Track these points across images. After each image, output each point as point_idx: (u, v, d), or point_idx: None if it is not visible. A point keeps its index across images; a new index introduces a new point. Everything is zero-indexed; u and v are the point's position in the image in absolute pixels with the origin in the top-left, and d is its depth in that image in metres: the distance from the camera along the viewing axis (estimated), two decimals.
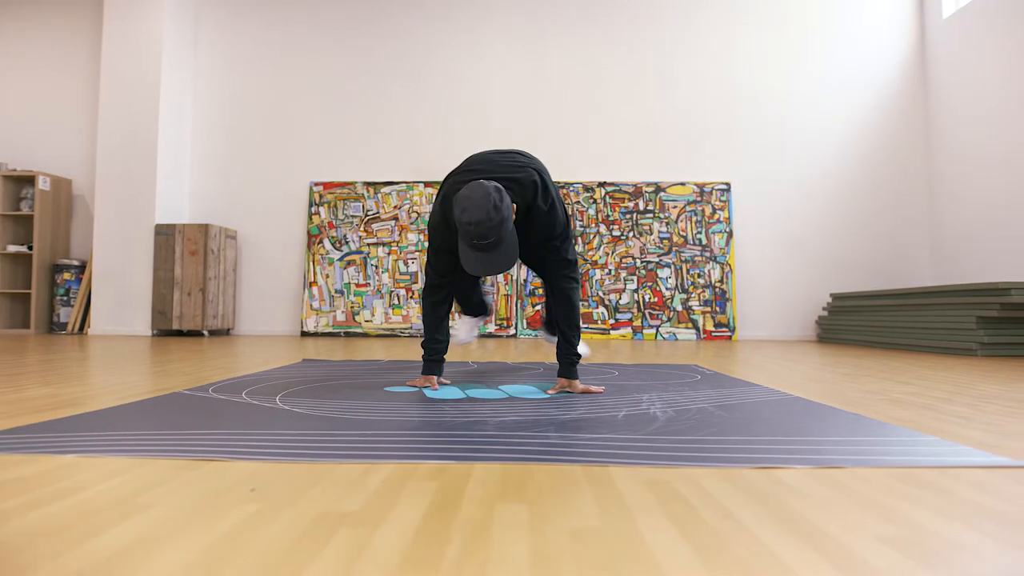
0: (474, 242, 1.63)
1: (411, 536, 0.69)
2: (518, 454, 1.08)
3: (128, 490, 0.85)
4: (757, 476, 0.96)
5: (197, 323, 5.14)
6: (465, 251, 1.68)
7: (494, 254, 1.66)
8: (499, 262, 1.67)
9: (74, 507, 0.78)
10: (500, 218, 1.62)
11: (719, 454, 1.09)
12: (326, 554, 0.64)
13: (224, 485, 0.88)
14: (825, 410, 1.59)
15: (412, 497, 0.83)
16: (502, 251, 1.67)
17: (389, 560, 0.62)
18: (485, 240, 1.62)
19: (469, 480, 0.92)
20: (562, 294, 1.90)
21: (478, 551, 0.65)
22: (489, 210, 1.61)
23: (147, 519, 0.74)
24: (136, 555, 0.63)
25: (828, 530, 0.72)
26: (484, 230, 1.61)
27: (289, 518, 0.74)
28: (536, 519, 0.75)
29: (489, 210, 1.61)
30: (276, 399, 1.71)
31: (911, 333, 4.19)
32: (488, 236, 1.62)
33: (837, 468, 1.00)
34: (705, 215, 5.52)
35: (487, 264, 1.66)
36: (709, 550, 0.66)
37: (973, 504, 0.82)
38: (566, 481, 0.92)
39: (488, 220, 1.60)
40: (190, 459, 1.03)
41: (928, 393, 1.97)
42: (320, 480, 0.91)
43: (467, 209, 1.62)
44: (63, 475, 0.93)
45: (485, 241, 1.62)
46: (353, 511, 0.77)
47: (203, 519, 0.74)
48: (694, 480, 0.93)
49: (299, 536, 0.69)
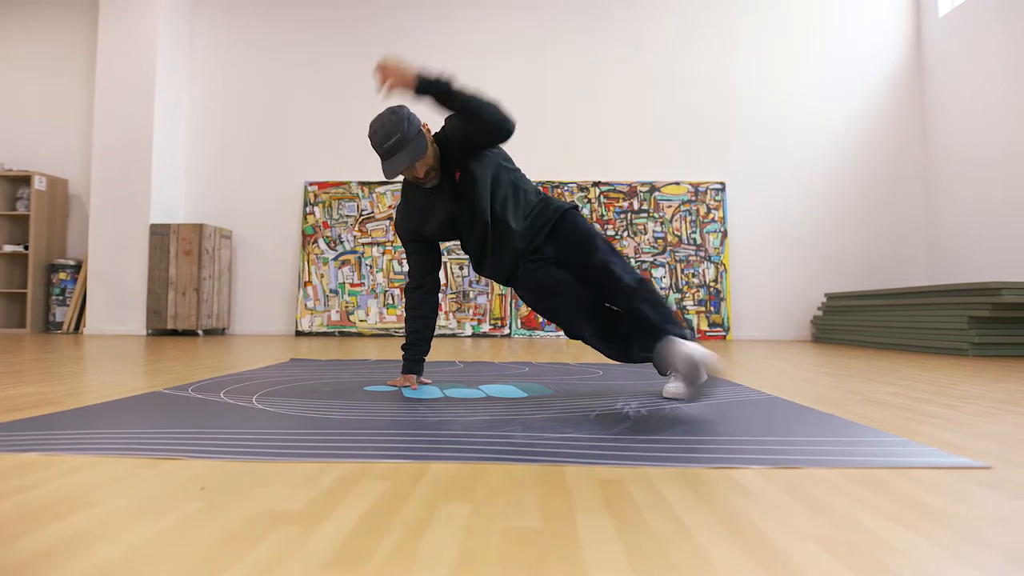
0: (383, 146, 1.71)
1: (346, 535, 0.69)
2: (477, 453, 1.08)
3: (78, 488, 0.86)
4: (712, 475, 0.95)
5: (192, 323, 5.15)
6: (384, 166, 1.74)
7: (397, 157, 1.71)
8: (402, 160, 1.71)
9: (17, 505, 0.78)
10: (398, 118, 1.71)
11: (680, 454, 1.09)
12: (258, 551, 0.64)
13: (177, 483, 0.89)
14: (800, 410, 1.58)
15: (359, 496, 0.83)
16: (411, 145, 1.72)
17: (319, 558, 0.63)
18: (389, 139, 1.70)
19: (421, 480, 0.92)
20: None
21: (407, 551, 0.65)
22: (387, 115, 1.73)
23: (89, 516, 0.74)
24: (67, 551, 0.63)
25: (767, 531, 0.72)
26: (386, 130, 1.70)
27: (229, 516, 0.75)
28: (476, 519, 0.75)
29: (387, 115, 1.73)
30: (253, 399, 1.71)
31: (904, 333, 4.18)
32: (391, 134, 1.70)
33: (793, 468, 1.00)
34: (700, 215, 5.51)
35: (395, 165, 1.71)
36: (641, 551, 0.66)
37: (918, 505, 0.82)
38: (518, 481, 0.92)
39: (388, 120, 1.71)
40: (150, 458, 1.03)
41: (909, 393, 1.96)
42: (273, 479, 0.91)
43: (371, 124, 1.74)
44: (17, 473, 0.93)
45: (390, 141, 1.70)
46: (294, 510, 0.77)
47: (144, 517, 0.74)
48: (648, 480, 0.93)
49: (234, 534, 0.69)
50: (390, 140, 1.70)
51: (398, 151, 1.71)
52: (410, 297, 1.99)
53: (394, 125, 1.71)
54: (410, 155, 1.72)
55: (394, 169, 1.71)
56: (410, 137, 1.72)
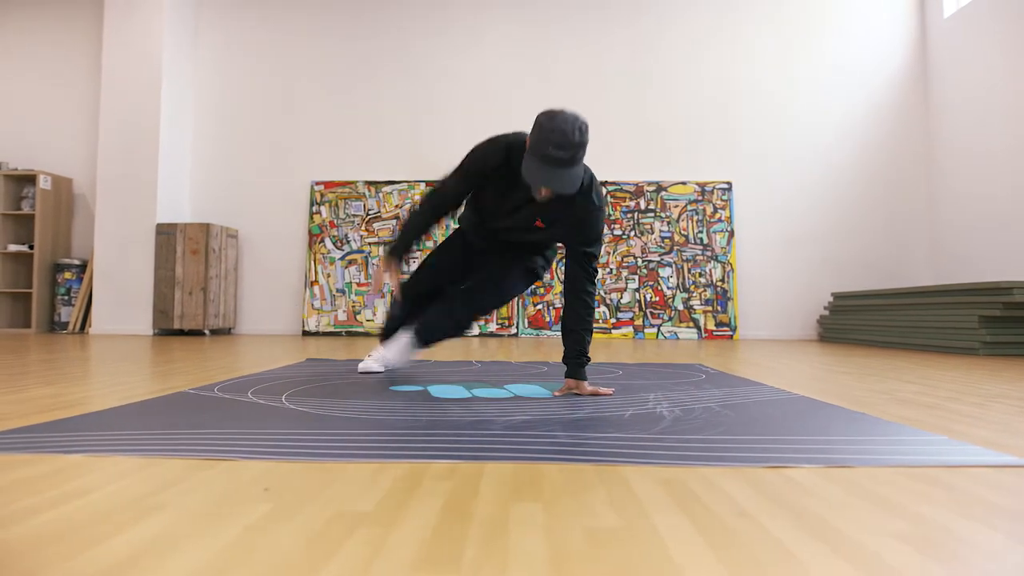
0: (552, 152, 1.56)
1: (428, 536, 0.69)
2: (528, 453, 1.08)
3: (139, 490, 0.85)
4: (768, 475, 0.96)
5: (198, 322, 5.14)
6: (532, 163, 1.61)
7: (564, 171, 1.59)
8: (565, 180, 1.61)
9: (84, 508, 0.78)
10: (582, 140, 1.59)
11: (729, 453, 1.09)
12: (343, 553, 0.64)
13: (236, 485, 0.88)
14: (831, 409, 1.59)
15: (426, 497, 0.83)
16: (571, 174, 1.61)
17: (406, 559, 0.62)
18: (562, 151, 1.56)
19: (481, 479, 0.92)
20: (587, 296, 1.86)
21: (496, 550, 0.65)
22: (577, 129, 1.58)
23: (161, 520, 0.74)
24: (151, 557, 0.63)
25: (842, 528, 0.72)
26: (566, 141, 1.56)
27: (304, 518, 0.74)
28: (552, 519, 0.75)
29: (577, 129, 1.58)
30: (282, 398, 1.70)
31: (913, 332, 4.20)
32: (566, 148, 1.56)
33: (847, 467, 1.00)
34: (706, 214, 5.52)
35: (552, 177, 1.60)
36: (726, 548, 0.66)
37: (986, 502, 0.82)
38: (579, 480, 0.92)
39: (574, 134, 1.57)
40: (201, 459, 1.03)
41: (933, 392, 1.97)
42: (332, 480, 0.91)
43: (554, 118, 1.59)
44: (71, 476, 0.92)
45: (561, 152, 1.56)
46: (366, 511, 0.77)
47: (217, 519, 0.74)
48: (707, 479, 0.93)
49: (315, 536, 0.69)
50: (563, 151, 1.57)
51: (561, 167, 1.59)
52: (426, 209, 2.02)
53: (576, 144, 1.58)
54: (564, 182, 1.61)
55: (538, 179, 1.61)
56: (577, 164, 1.62)
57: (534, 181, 1.63)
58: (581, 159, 1.64)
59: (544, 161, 1.59)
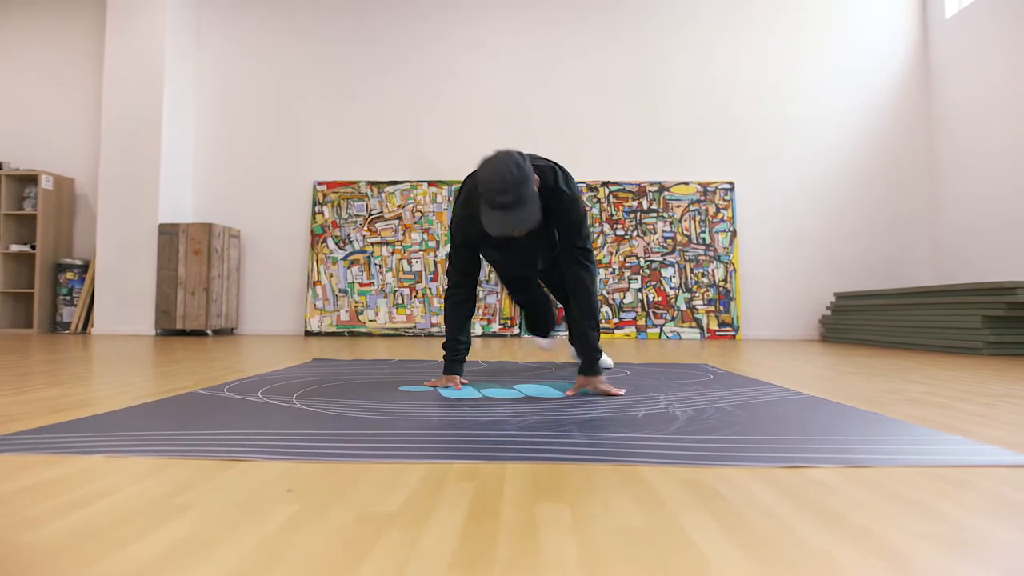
0: (496, 199, 1.61)
1: (457, 536, 0.69)
2: (546, 453, 1.08)
3: (161, 491, 0.85)
4: (788, 475, 0.96)
5: (201, 322, 5.13)
6: (488, 214, 1.65)
7: (516, 212, 1.63)
8: (521, 219, 1.64)
9: (108, 510, 0.78)
10: (521, 175, 1.63)
11: (746, 453, 1.09)
12: (376, 554, 0.64)
13: (259, 486, 0.88)
14: (842, 409, 1.59)
15: (452, 497, 0.83)
16: (525, 210, 1.64)
17: (440, 560, 0.62)
18: (505, 196, 1.60)
19: (504, 480, 0.92)
20: (578, 280, 1.86)
21: (528, 550, 0.65)
22: (511, 167, 1.63)
23: (187, 521, 0.74)
24: (181, 559, 0.63)
25: (869, 527, 0.72)
26: (505, 185, 1.60)
27: (332, 519, 0.74)
28: (579, 519, 0.75)
29: (511, 167, 1.63)
30: (293, 398, 1.70)
31: (916, 332, 4.20)
32: (507, 191, 1.60)
33: (866, 467, 1.00)
34: (709, 214, 5.52)
35: (508, 222, 1.63)
36: (756, 547, 0.66)
37: (1011, 501, 0.82)
38: (600, 481, 0.92)
39: (509, 175, 1.61)
40: (219, 459, 1.02)
41: (942, 392, 1.97)
42: (355, 480, 0.91)
43: (487, 167, 1.65)
44: (92, 477, 0.92)
45: (505, 197, 1.60)
46: (393, 511, 0.77)
47: (245, 520, 0.74)
48: (728, 479, 0.93)
49: (345, 537, 0.69)
50: (505, 195, 1.60)
51: (508, 210, 1.62)
52: (453, 294, 1.98)
53: (515, 183, 1.61)
54: (520, 222, 1.64)
55: (498, 228, 1.64)
56: (525, 200, 1.63)
57: (496, 231, 1.66)
58: (529, 192, 1.65)
59: (496, 208, 1.63)
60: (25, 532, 0.69)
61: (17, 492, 0.84)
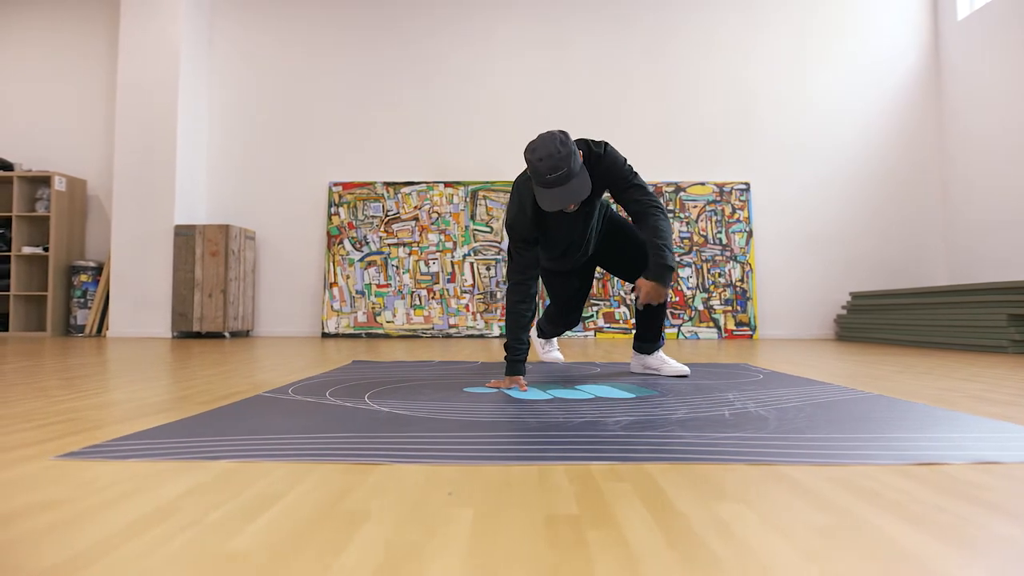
0: (547, 177, 1.76)
1: (660, 535, 0.69)
2: (679, 453, 1.08)
3: (325, 496, 0.85)
4: (927, 472, 0.96)
5: (218, 325, 5.10)
6: (541, 193, 1.81)
7: (567, 186, 1.79)
8: (573, 191, 1.79)
9: (289, 513, 0.77)
10: (568, 151, 1.77)
11: (870, 451, 1.10)
12: (599, 559, 0.64)
13: (414, 489, 0.88)
14: (919, 408, 1.60)
15: (619, 497, 0.83)
16: (575, 182, 1.80)
17: (663, 558, 0.62)
18: (556, 172, 1.76)
19: (660, 480, 0.92)
20: (652, 220, 1.98)
21: (742, 551, 0.65)
22: (557, 145, 1.77)
23: (377, 527, 0.73)
24: (401, 565, 0.63)
25: None
26: (554, 162, 1.75)
27: (520, 521, 0.74)
28: (764, 517, 0.75)
29: (557, 145, 1.77)
30: (365, 398, 1.70)
31: (934, 331, 4.24)
32: (559, 167, 1.75)
33: (999, 464, 1.01)
34: (725, 215, 5.55)
35: (563, 196, 1.79)
36: (949, 539, 0.66)
37: None
38: (749, 479, 0.92)
39: (557, 152, 1.76)
40: (351, 463, 1.02)
41: (999, 390, 1.99)
42: (506, 482, 0.91)
43: (536, 148, 1.78)
44: (243, 481, 0.91)
45: (556, 173, 1.76)
46: (575, 513, 0.77)
47: (436, 526, 0.73)
48: (873, 477, 0.94)
49: (552, 540, 0.68)
50: (557, 172, 1.76)
51: (562, 184, 1.78)
52: (514, 292, 1.99)
53: (563, 158, 1.76)
54: (574, 194, 1.80)
55: (555, 203, 1.79)
56: (575, 173, 1.79)
57: (553, 207, 1.82)
58: (576, 165, 1.81)
59: (549, 186, 1.79)
60: (230, 539, 0.69)
61: (186, 495, 0.83)
